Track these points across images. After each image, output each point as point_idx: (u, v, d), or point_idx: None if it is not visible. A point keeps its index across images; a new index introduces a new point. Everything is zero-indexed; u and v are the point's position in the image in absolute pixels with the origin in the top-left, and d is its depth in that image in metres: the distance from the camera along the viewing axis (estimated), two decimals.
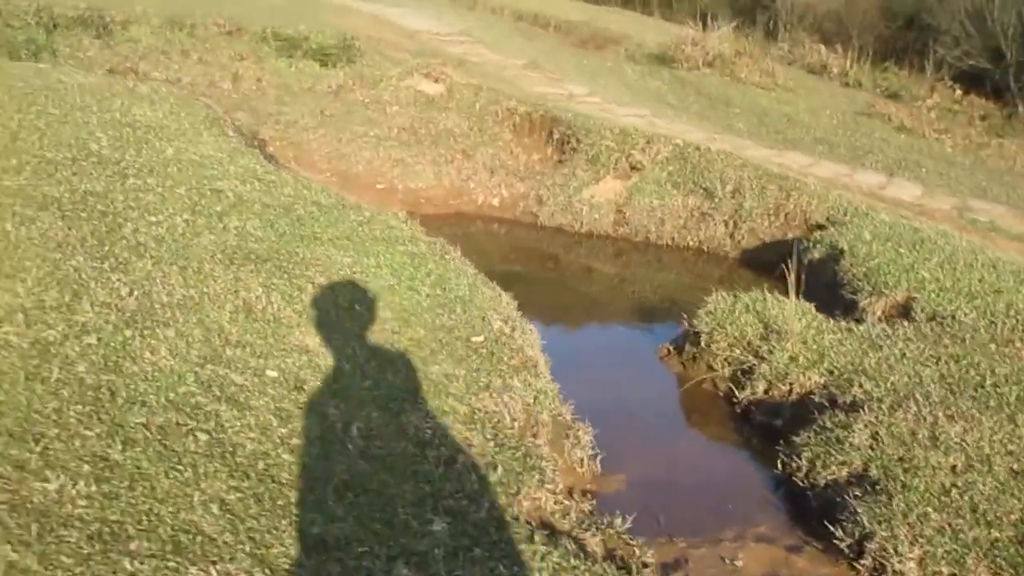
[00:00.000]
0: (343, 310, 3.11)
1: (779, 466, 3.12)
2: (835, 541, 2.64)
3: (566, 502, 2.53)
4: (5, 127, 4.24)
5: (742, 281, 6.10)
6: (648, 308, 5.82)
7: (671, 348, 4.30)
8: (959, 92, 12.06)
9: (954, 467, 2.76)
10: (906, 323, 4.00)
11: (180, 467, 2.14)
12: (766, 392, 3.61)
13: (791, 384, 3.53)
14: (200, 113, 5.33)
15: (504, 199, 7.39)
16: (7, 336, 2.51)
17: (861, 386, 3.30)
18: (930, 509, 2.56)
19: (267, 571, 1.87)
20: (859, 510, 2.64)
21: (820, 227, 5.83)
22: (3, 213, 3.31)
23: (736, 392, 3.71)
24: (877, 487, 2.73)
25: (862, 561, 2.54)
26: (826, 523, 2.72)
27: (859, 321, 4.16)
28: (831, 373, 3.49)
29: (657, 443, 3.51)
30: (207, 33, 8.59)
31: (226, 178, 4.18)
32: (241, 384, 2.53)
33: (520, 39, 11.94)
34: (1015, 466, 2.78)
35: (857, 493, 2.73)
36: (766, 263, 6.17)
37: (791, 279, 3.90)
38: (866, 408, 3.13)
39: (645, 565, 2.40)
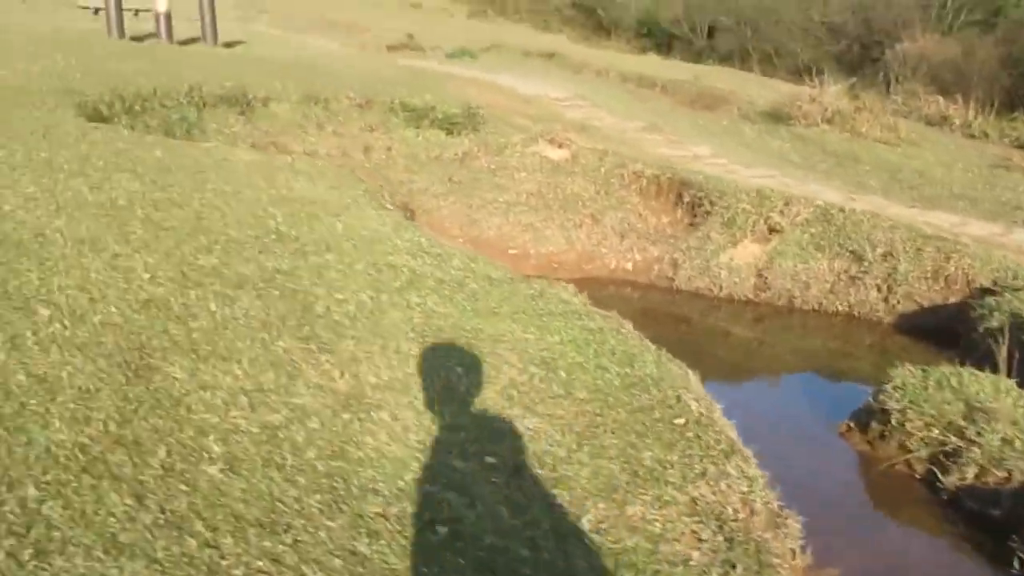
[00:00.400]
0: (541, 391, 3.07)
1: (1016, 565, 2.87)
2: None
3: None
4: (189, 206, 4.45)
5: (898, 348, 5.81)
6: (805, 377, 5.59)
7: (852, 424, 4.09)
8: None
9: None
10: None
11: (427, 563, 2.10)
12: (977, 478, 3.36)
13: (1009, 470, 3.27)
14: (358, 187, 5.50)
15: (637, 263, 7.33)
16: (236, 421, 2.56)
17: None
18: None
19: None
20: None
21: (988, 291, 5.50)
22: (205, 293, 3.43)
23: (940, 476, 3.47)
24: None
25: None
26: None
27: None
28: None
29: (862, 531, 3.30)
30: (340, 107, 8.91)
31: (397, 253, 4.25)
32: (463, 470, 2.50)
33: (633, 101, 12.01)
34: None
35: None
36: (925, 329, 5.87)
37: (1002, 355, 3.66)
38: None
39: None
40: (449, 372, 3.05)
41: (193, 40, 11.47)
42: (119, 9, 10.41)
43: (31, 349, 2.79)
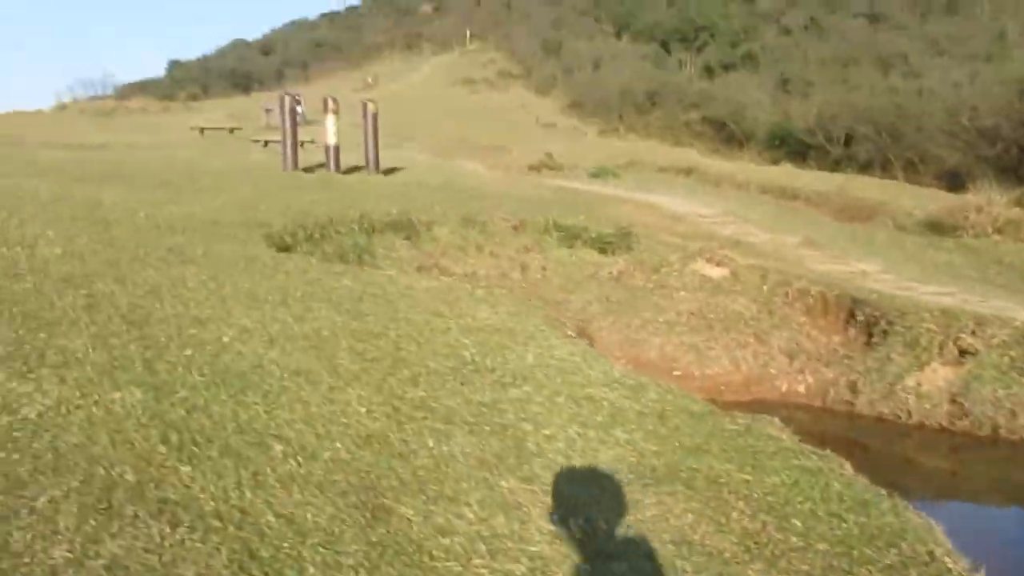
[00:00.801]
0: (778, 542, 2.87)
1: None
2: None
3: None
4: (386, 336, 4.61)
5: None
6: None
7: None
8: None
9: None
10: None
11: None
12: None
13: None
14: (537, 313, 5.57)
15: (810, 386, 6.99)
16: (479, 571, 2.51)
17: None
18: None
19: None
20: None
21: None
22: (419, 428, 3.48)
23: None
24: None
25: None
26: None
27: None
28: None
29: None
30: (496, 228, 9.21)
31: (591, 384, 4.21)
32: None
33: (782, 215, 11.83)
34: None
35: None
36: None
37: None
38: None
39: None
40: (679, 520, 2.91)
41: (357, 168, 12.29)
42: (294, 143, 11.33)
43: (273, 487, 2.87)
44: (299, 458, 3.10)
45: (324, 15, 73.05)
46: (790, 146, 26.81)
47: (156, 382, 3.65)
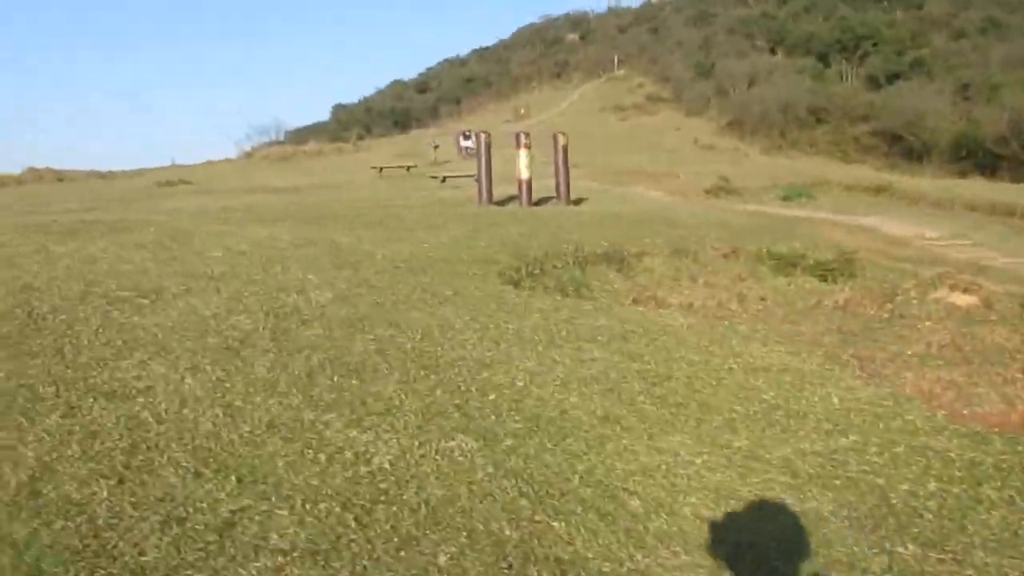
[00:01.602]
0: None
1: None
2: None
3: None
4: (674, 378, 4.44)
5: None
6: None
7: None
8: None
9: None
10: None
11: None
12: None
13: None
14: (816, 351, 5.25)
15: None
16: None
17: None
18: None
19: None
20: None
21: None
22: (766, 482, 3.26)
23: None
24: None
25: None
26: None
27: None
28: None
29: None
30: (707, 257, 8.93)
31: (920, 432, 3.87)
32: None
33: (1016, 236, 10.84)
34: None
35: None
36: None
37: None
38: None
39: None
40: None
41: (545, 199, 12.35)
42: (489, 178, 11.52)
43: (655, 547, 2.74)
44: (662, 514, 2.96)
45: (474, 51, 75.52)
46: (978, 157, 24.88)
47: (479, 429, 3.63)
